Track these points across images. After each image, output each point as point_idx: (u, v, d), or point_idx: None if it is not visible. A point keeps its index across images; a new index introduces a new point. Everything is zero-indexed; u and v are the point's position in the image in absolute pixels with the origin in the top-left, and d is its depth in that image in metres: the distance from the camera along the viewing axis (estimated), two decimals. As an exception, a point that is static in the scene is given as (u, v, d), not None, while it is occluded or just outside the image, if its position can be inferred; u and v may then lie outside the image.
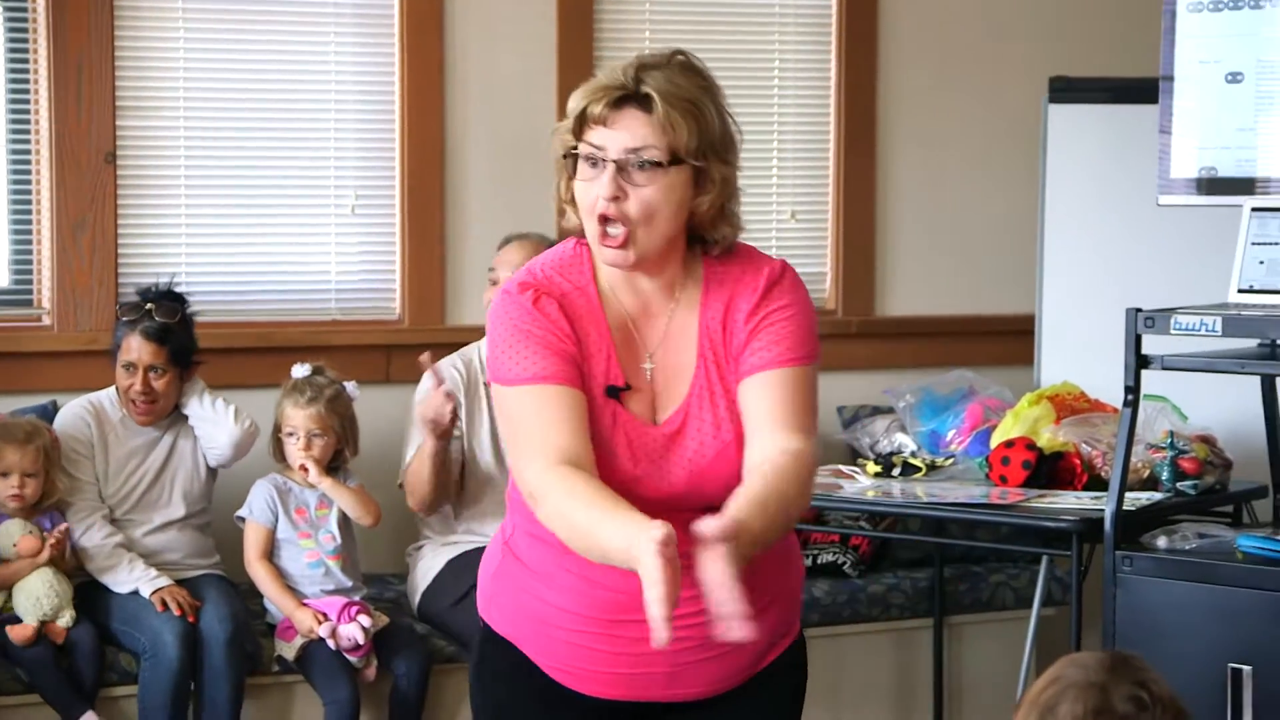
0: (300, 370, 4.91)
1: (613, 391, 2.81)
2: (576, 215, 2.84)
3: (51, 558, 4.61)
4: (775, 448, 2.73)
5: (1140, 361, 4.16)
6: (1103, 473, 4.53)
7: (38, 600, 4.57)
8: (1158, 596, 4.10)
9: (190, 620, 4.64)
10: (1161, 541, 4.18)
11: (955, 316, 6.01)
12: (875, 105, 5.91)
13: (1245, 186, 4.42)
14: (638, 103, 2.76)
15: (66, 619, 4.59)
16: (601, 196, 2.75)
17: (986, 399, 5.15)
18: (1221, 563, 4.07)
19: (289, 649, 4.77)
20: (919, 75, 5.95)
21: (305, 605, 4.77)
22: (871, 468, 4.85)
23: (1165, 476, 4.46)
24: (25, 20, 5.10)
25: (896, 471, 4.80)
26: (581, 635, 2.86)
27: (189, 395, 4.89)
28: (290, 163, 5.38)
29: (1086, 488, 4.54)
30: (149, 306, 4.82)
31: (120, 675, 4.66)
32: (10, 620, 4.58)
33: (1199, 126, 4.51)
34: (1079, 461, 4.59)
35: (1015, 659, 5.34)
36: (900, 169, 5.95)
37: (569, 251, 2.89)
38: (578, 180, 2.79)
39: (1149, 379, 4.22)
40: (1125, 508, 4.20)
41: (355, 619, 4.73)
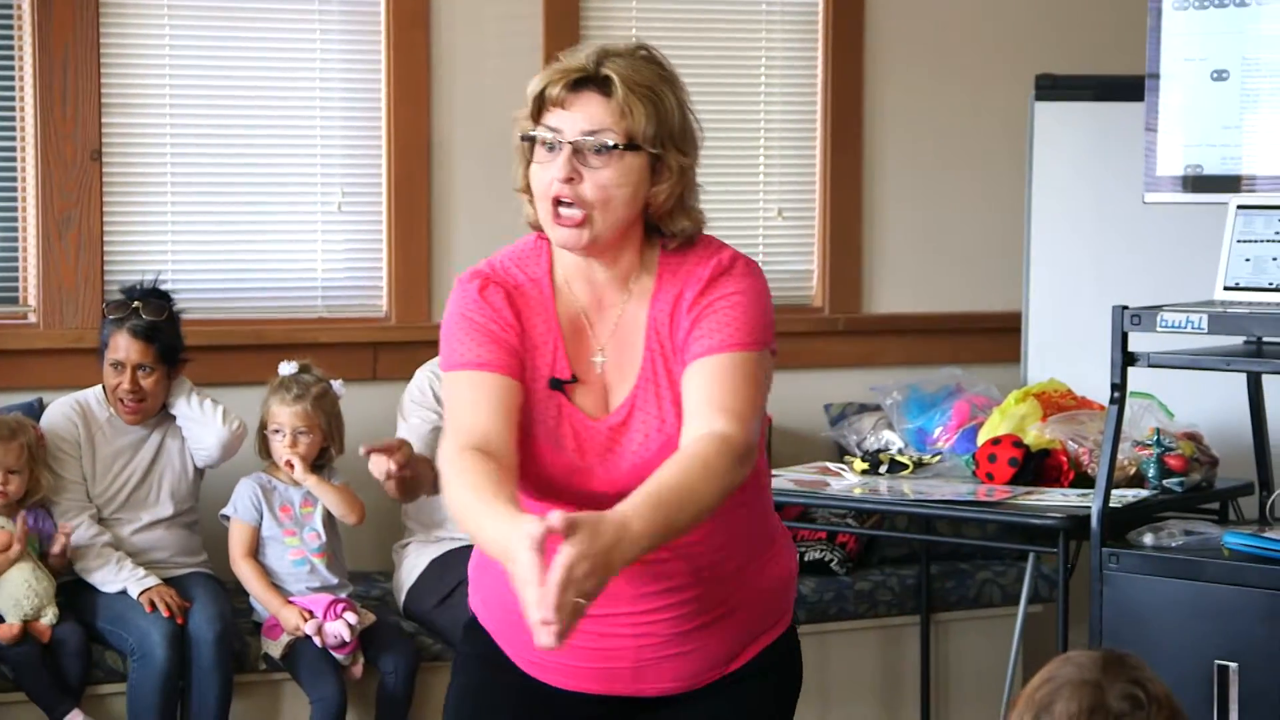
0: (287, 368, 4.90)
1: (556, 384, 2.79)
2: (530, 206, 2.83)
3: (23, 548, 4.58)
4: (700, 431, 2.66)
5: (1126, 359, 4.16)
6: (1089, 470, 4.53)
7: (18, 601, 4.56)
8: (1144, 594, 4.10)
9: (179, 622, 4.63)
10: (1148, 539, 4.19)
11: (942, 314, 6.01)
12: (862, 103, 5.91)
13: (1231, 184, 4.42)
14: (597, 86, 2.74)
15: (49, 617, 4.58)
16: (556, 178, 2.73)
17: (973, 396, 5.15)
18: (1208, 560, 4.07)
19: (275, 647, 4.76)
20: (905, 73, 5.95)
21: (291, 603, 4.77)
22: (858, 465, 4.85)
23: (1151, 474, 4.46)
24: (10, 17, 5.09)
25: (883, 469, 4.80)
26: None
27: (177, 395, 4.88)
28: (277, 160, 5.38)
29: (1073, 485, 4.54)
30: (136, 305, 4.81)
31: (106, 673, 4.66)
32: (-6, 619, 4.58)
33: (1185, 124, 4.51)
34: (1065, 459, 4.60)
35: (1002, 656, 5.35)
36: (887, 166, 5.95)
37: (529, 244, 2.88)
38: (533, 164, 2.78)
39: (1135, 376, 4.22)
40: (1112, 505, 4.20)
41: (341, 616, 4.73)
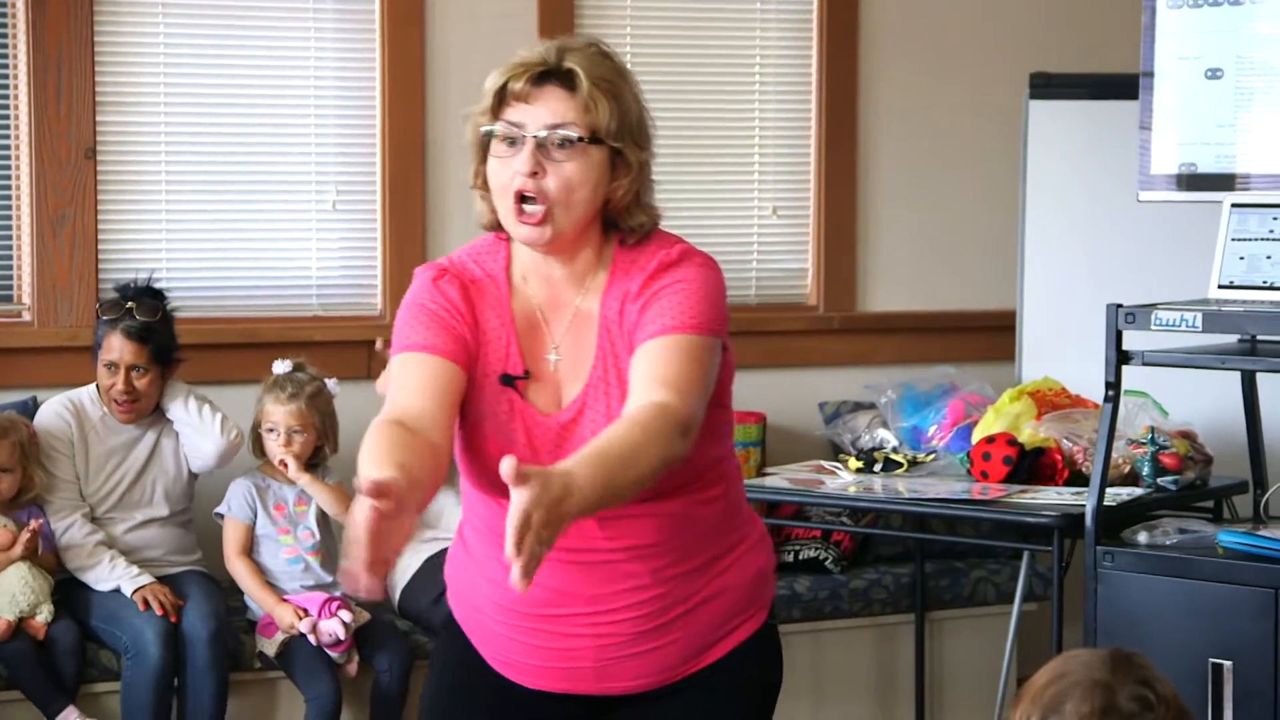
0: (281, 366, 4.90)
1: (507, 380, 2.78)
2: (487, 206, 2.82)
3: (25, 553, 4.59)
4: (639, 402, 2.64)
5: (1121, 357, 4.16)
6: (1084, 468, 4.53)
7: (13, 597, 4.56)
8: (1139, 592, 4.11)
9: (172, 620, 4.63)
10: (1142, 537, 4.19)
11: (937, 312, 6.01)
12: (856, 101, 5.91)
13: (1225, 182, 4.43)
14: (559, 80, 2.75)
15: (45, 614, 4.58)
16: (519, 172, 2.72)
17: (968, 395, 5.15)
18: (1202, 558, 4.08)
19: (270, 645, 4.76)
20: (900, 71, 5.95)
21: (285, 601, 4.77)
22: (853, 463, 4.85)
23: (1146, 472, 4.46)
24: (4, 15, 5.09)
25: (878, 467, 4.80)
26: (512, 628, 2.85)
27: (173, 397, 4.87)
28: (271, 158, 5.37)
29: (1068, 483, 4.54)
30: (130, 305, 4.81)
31: (101, 671, 4.66)
32: (-11, 617, 4.58)
33: (1179, 122, 4.51)
34: (1060, 457, 4.60)
35: (997, 654, 5.35)
36: (881, 165, 5.95)
37: (488, 241, 2.88)
38: (493, 158, 2.77)
39: (1130, 375, 4.22)
40: (1106, 503, 4.20)
41: (336, 614, 4.73)
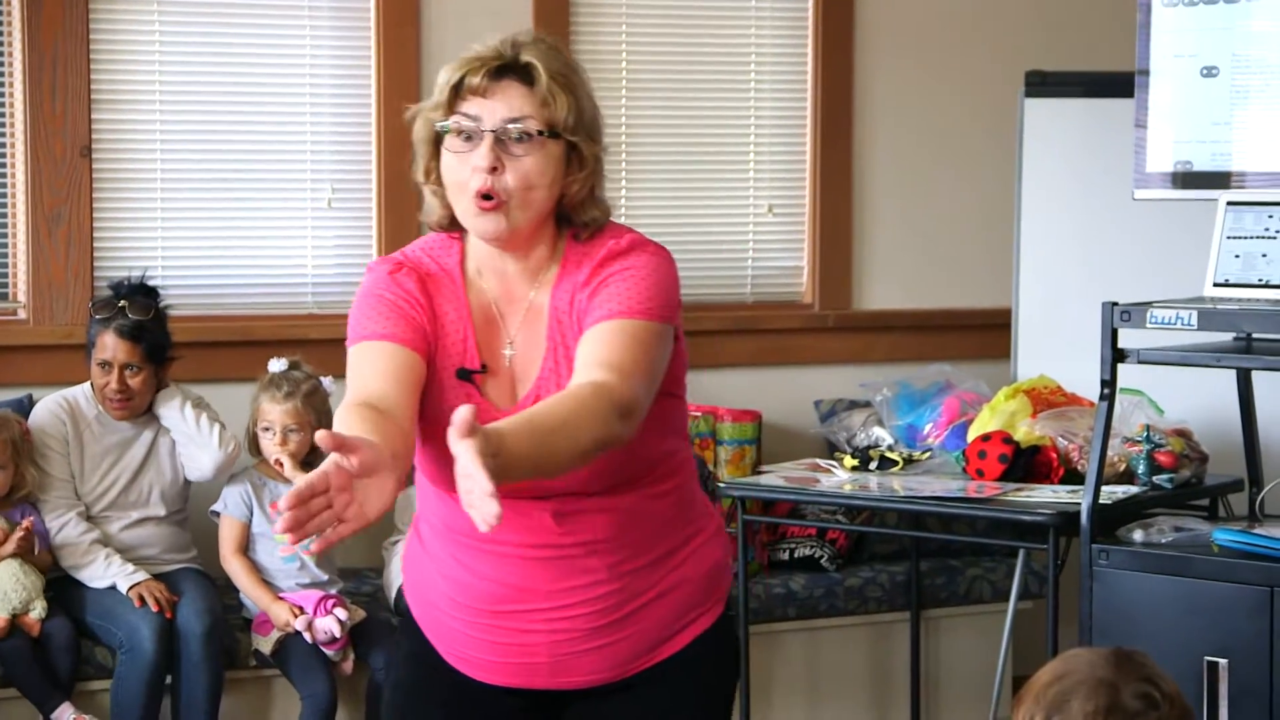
0: (277, 365, 4.90)
1: (464, 374, 2.78)
2: (438, 202, 2.81)
3: (19, 550, 4.59)
4: (578, 380, 2.63)
5: (1116, 355, 4.16)
6: (1079, 466, 4.54)
7: (5, 594, 4.55)
8: (1134, 590, 4.11)
9: (168, 616, 4.63)
10: (1138, 535, 4.19)
11: (932, 310, 6.02)
12: (852, 99, 5.91)
13: (1221, 181, 4.43)
14: (517, 74, 2.74)
15: (38, 611, 4.58)
16: (479, 168, 2.71)
17: (963, 393, 5.15)
18: (1198, 556, 4.08)
19: (265, 643, 4.76)
20: (895, 69, 5.95)
21: (281, 599, 4.77)
22: (848, 462, 4.85)
23: (1141, 470, 4.46)
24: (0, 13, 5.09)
25: (873, 465, 4.80)
26: (468, 624, 2.85)
27: (168, 403, 4.85)
28: (267, 156, 5.37)
29: (1063, 481, 4.54)
30: (122, 303, 4.80)
31: (96, 669, 4.66)
32: (-17, 614, 4.58)
33: (1174, 121, 4.51)
34: (1055, 455, 4.60)
35: (992, 652, 5.35)
36: (877, 163, 5.96)
37: (440, 237, 2.88)
38: (448, 153, 2.75)
39: (1125, 373, 4.22)
40: (1101, 501, 4.20)
41: (331, 612, 4.73)
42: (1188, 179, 4.50)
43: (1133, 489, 4.43)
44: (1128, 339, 4.17)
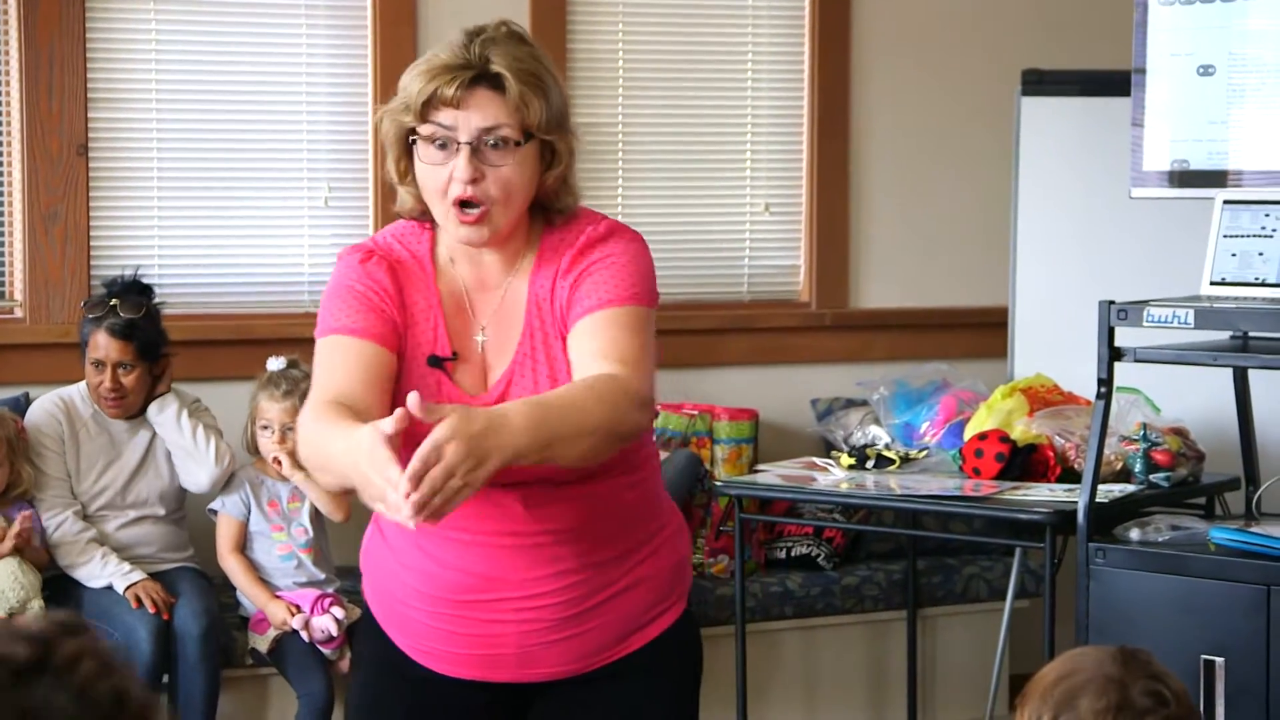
0: (275, 363, 4.90)
1: (435, 361, 2.79)
2: (411, 196, 2.83)
3: (18, 543, 4.58)
4: (592, 370, 2.67)
5: (1113, 354, 4.16)
6: (1076, 465, 4.54)
7: (2, 593, 4.55)
8: (1130, 588, 4.11)
9: (165, 618, 4.62)
10: (1134, 534, 4.19)
11: (929, 309, 6.02)
12: (849, 97, 5.91)
13: (1217, 179, 4.43)
14: (488, 81, 2.74)
15: (36, 610, 4.58)
16: (460, 180, 2.72)
17: (960, 391, 5.15)
18: (1194, 555, 4.08)
19: (262, 642, 4.76)
20: (892, 68, 5.95)
21: (278, 598, 4.77)
22: (845, 460, 4.85)
23: (1138, 469, 4.47)
24: (-4, 12, 5.09)
25: (870, 464, 4.80)
26: (433, 615, 2.85)
27: (165, 410, 4.83)
28: (263, 155, 5.37)
29: (1060, 480, 4.54)
30: (114, 303, 4.80)
31: (93, 668, 4.65)
32: (-19, 613, 4.58)
33: (1171, 119, 4.52)
34: (1052, 454, 4.60)
35: (989, 651, 5.35)
36: (874, 161, 5.96)
37: (410, 224, 2.90)
38: (422, 163, 2.77)
39: (1122, 371, 4.22)
40: (1098, 500, 4.20)
41: (328, 611, 4.73)
42: (1184, 178, 4.50)
43: (1129, 487, 4.43)
44: (1124, 337, 4.17)
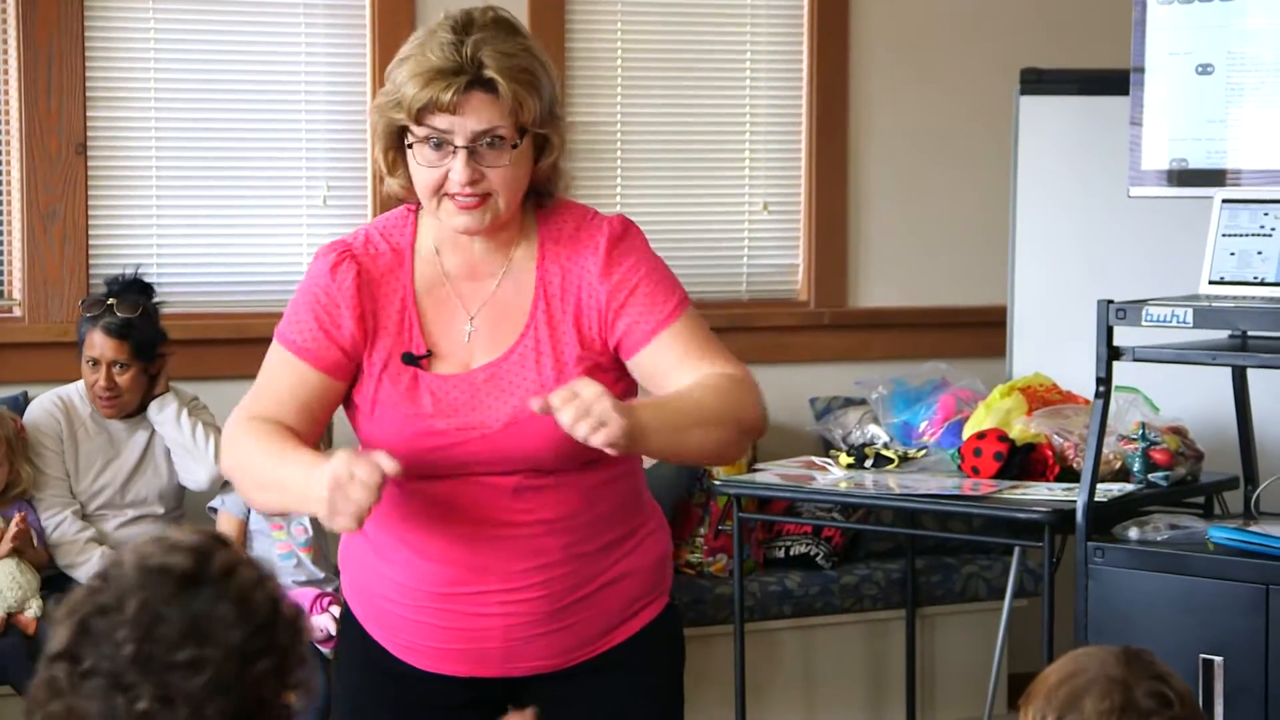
0: (273, 362, 4.89)
1: (410, 359, 2.80)
2: (398, 185, 2.84)
3: (14, 543, 4.58)
4: (702, 373, 2.78)
5: (1112, 353, 4.16)
6: (1074, 464, 4.54)
7: (0, 592, 4.55)
8: (1129, 588, 4.11)
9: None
10: (1133, 533, 4.19)
11: (927, 308, 6.01)
12: (847, 97, 5.91)
13: (1216, 178, 4.42)
14: (481, 85, 2.73)
15: (34, 609, 4.58)
16: (460, 182, 2.73)
17: (959, 390, 5.15)
18: (1193, 554, 4.08)
19: (261, 641, 4.75)
20: (891, 67, 5.95)
21: (277, 597, 4.76)
22: (844, 459, 4.85)
23: (1137, 468, 4.46)
24: (-5, 11, 5.09)
25: (869, 463, 4.80)
26: (415, 610, 2.85)
27: (165, 409, 4.84)
28: (262, 154, 5.37)
29: (1058, 479, 4.54)
30: (111, 301, 4.80)
31: (91, 668, 4.65)
32: (-22, 612, 4.58)
33: (1170, 118, 4.51)
34: (1051, 453, 4.60)
35: (988, 650, 5.35)
36: (872, 161, 5.95)
37: (399, 211, 2.90)
38: (417, 164, 2.77)
39: (1121, 370, 4.22)
40: (1097, 499, 4.20)
41: (327, 610, 4.73)
42: (1183, 176, 4.49)
43: (1128, 487, 4.43)
44: (1123, 337, 4.17)
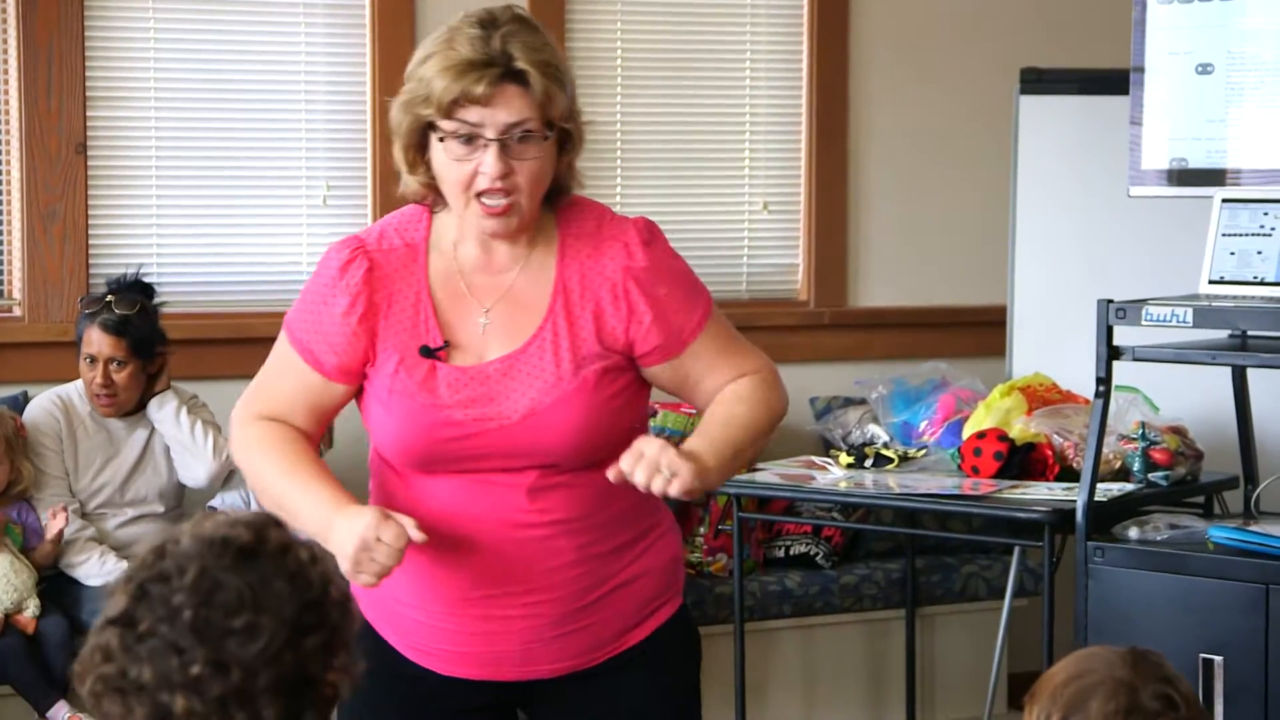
0: (273, 362, 4.89)
1: (427, 352, 2.81)
2: (417, 183, 2.85)
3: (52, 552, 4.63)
4: (731, 377, 2.90)
5: (1112, 353, 4.16)
6: (1074, 464, 4.54)
7: (-1, 593, 4.57)
8: (1129, 587, 4.11)
9: (162, 613, 4.62)
10: (1133, 532, 4.19)
11: (927, 308, 6.01)
12: (847, 96, 5.91)
13: (1216, 178, 4.42)
14: (513, 77, 2.73)
15: (32, 609, 4.58)
16: (491, 175, 2.73)
17: (959, 390, 5.15)
18: (1193, 553, 4.08)
19: (261, 640, 4.75)
20: (891, 67, 5.95)
21: (277, 597, 4.76)
22: (844, 459, 4.85)
23: (1137, 467, 4.46)
24: (-5, 10, 5.09)
25: (869, 463, 4.80)
26: (430, 615, 2.85)
27: (164, 407, 4.84)
28: (262, 154, 5.37)
29: (1058, 479, 4.54)
30: (109, 299, 4.80)
31: (91, 667, 4.65)
32: (-22, 613, 4.58)
33: (1170, 118, 4.51)
34: (1051, 452, 4.60)
35: (988, 650, 5.35)
36: (872, 160, 5.95)
37: (413, 208, 2.91)
38: (446, 159, 2.77)
39: (1120, 370, 4.22)
40: (1097, 499, 4.20)
41: (329, 611, 4.72)
42: (1183, 176, 4.49)
43: (1128, 486, 4.43)
44: (1123, 336, 4.17)
